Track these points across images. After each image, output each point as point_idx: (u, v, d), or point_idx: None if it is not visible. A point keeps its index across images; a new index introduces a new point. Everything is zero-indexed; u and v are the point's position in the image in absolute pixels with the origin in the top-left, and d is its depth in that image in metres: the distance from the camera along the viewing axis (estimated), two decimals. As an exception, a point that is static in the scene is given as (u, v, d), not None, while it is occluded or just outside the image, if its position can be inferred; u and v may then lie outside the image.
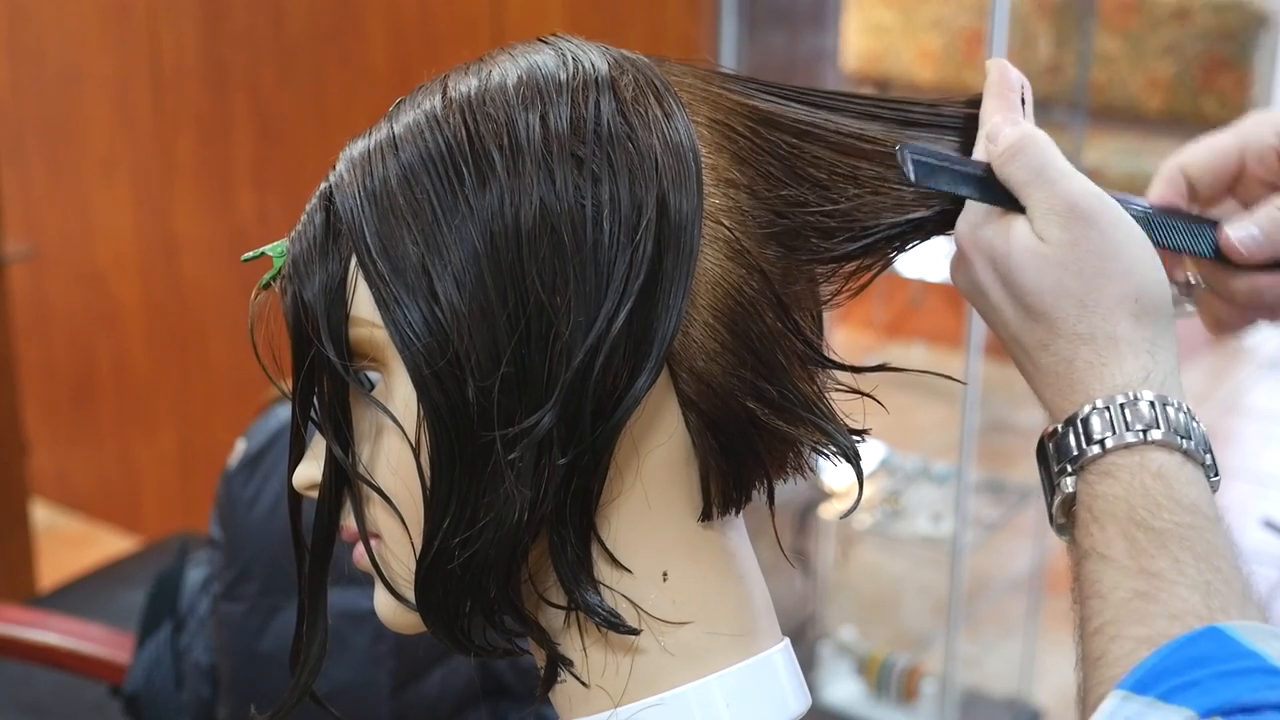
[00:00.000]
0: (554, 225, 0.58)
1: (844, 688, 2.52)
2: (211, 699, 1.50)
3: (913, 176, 0.64)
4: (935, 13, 4.62)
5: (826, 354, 0.64)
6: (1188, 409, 0.61)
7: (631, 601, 0.62)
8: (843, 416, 0.65)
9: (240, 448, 1.44)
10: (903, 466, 2.63)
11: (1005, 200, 0.65)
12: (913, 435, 3.15)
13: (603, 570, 0.62)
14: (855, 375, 0.66)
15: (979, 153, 0.66)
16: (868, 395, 0.67)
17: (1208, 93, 4.47)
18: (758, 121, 0.63)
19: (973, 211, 0.66)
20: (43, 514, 3.17)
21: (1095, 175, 0.66)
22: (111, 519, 3.19)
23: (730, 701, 0.62)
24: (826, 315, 0.67)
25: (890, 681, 2.47)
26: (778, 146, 0.63)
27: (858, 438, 0.65)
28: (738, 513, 0.65)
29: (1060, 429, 0.62)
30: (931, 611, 2.76)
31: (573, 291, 0.58)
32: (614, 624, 0.61)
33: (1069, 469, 0.61)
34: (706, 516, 0.63)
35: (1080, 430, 0.61)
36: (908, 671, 2.46)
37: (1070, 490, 0.62)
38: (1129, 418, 0.60)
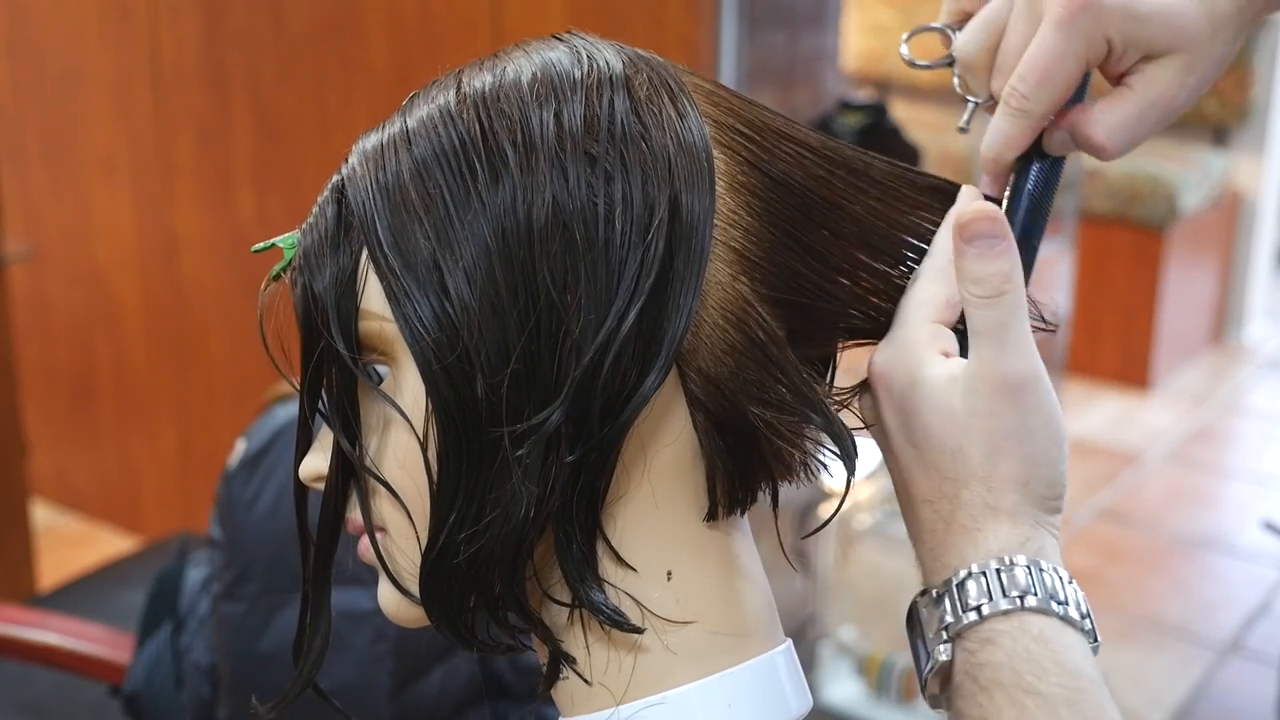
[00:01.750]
0: (566, 223, 0.58)
1: (844, 688, 2.52)
2: (211, 699, 1.51)
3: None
4: (935, 13, 4.61)
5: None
6: (1064, 575, 0.59)
7: (635, 600, 0.62)
8: (844, 419, 0.65)
9: (240, 448, 1.44)
10: (903, 466, 2.62)
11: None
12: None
13: (607, 568, 0.62)
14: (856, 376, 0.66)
15: (941, 237, 0.65)
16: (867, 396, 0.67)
17: (1208, 92, 4.47)
18: (765, 131, 0.64)
19: (890, 348, 0.64)
20: (43, 514, 3.17)
21: (1095, 175, 0.66)
22: (111, 519, 3.19)
23: (732, 701, 0.63)
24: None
25: (890, 681, 2.47)
26: (786, 154, 0.63)
27: (858, 433, 0.65)
28: (743, 513, 0.65)
29: (935, 594, 0.60)
30: (931, 612, 2.76)
31: (583, 289, 0.58)
32: (618, 622, 0.61)
33: (945, 636, 0.60)
34: (712, 517, 0.63)
35: (955, 596, 0.59)
36: (908, 671, 2.46)
37: (945, 659, 0.60)
38: (1005, 583, 0.58)
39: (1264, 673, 2.86)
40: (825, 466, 0.65)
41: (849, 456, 0.63)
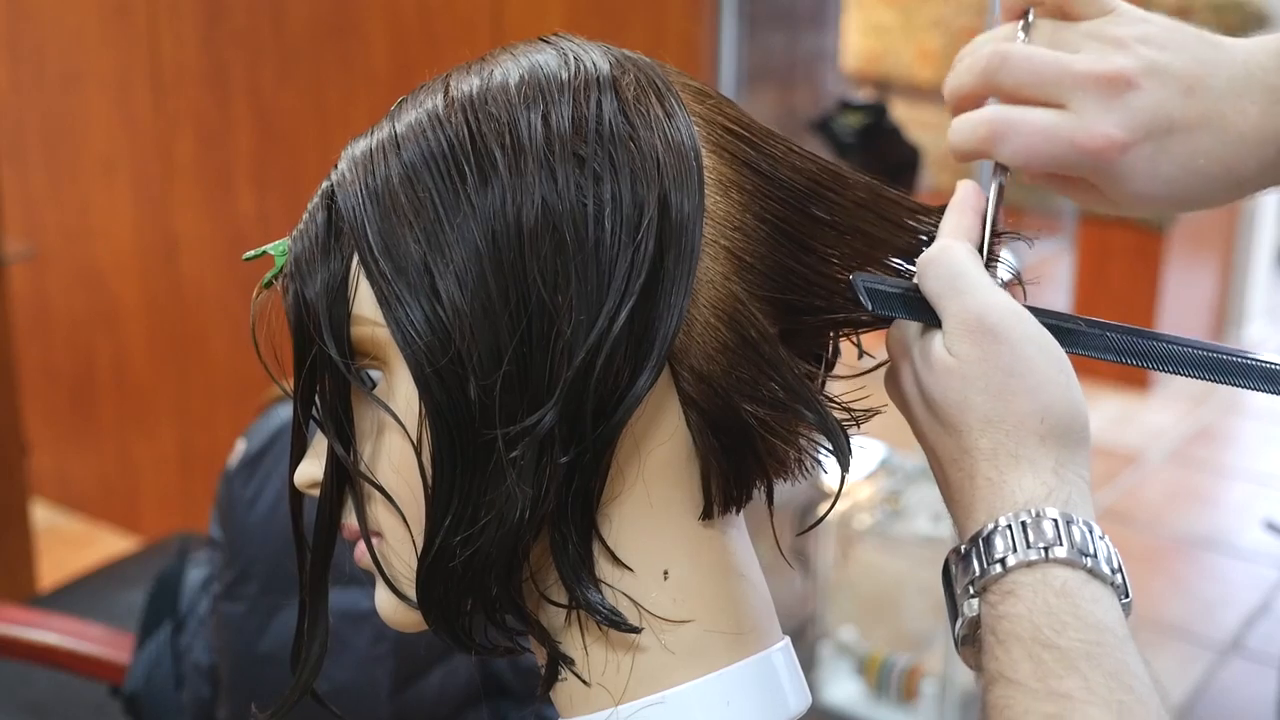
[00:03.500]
0: (556, 224, 0.58)
1: (844, 688, 2.52)
2: (211, 699, 1.50)
3: (869, 306, 0.62)
4: (935, 13, 4.62)
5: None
6: (1095, 528, 0.59)
7: (632, 600, 0.62)
8: (842, 417, 0.65)
9: (240, 448, 1.44)
10: (903, 466, 2.62)
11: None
12: (912, 435, 3.15)
13: (604, 568, 0.62)
14: (855, 375, 0.66)
15: (948, 219, 0.65)
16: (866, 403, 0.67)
17: (1207, 93, 4.47)
18: (753, 128, 0.64)
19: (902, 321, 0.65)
20: (43, 514, 3.17)
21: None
22: (111, 519, 3.19)
23: (731, 700, 0.63)
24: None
25: (890, 681, 2.47)
26: (774, 150, 0.64)
27: (853, 432, 0.65)
28: (738, 512, 0.65)
29: (964, 549, 0.60)
30: (931, 611, 2.76)
31: (574, 290, 0.58)
32: (615, 622, 0.61)
33: (971, 590, 0.59)
34: (707, 515, 0.63)
35: (982, 550, 0.59)
36: (908, 671, 2.46)
37: (974, 613, 0.59)
38: (1031, 536, 0.58)
39: (1264, 673, 2.86)
40: (820, 463, 0.65)
41: (843, 453, 0.63)
